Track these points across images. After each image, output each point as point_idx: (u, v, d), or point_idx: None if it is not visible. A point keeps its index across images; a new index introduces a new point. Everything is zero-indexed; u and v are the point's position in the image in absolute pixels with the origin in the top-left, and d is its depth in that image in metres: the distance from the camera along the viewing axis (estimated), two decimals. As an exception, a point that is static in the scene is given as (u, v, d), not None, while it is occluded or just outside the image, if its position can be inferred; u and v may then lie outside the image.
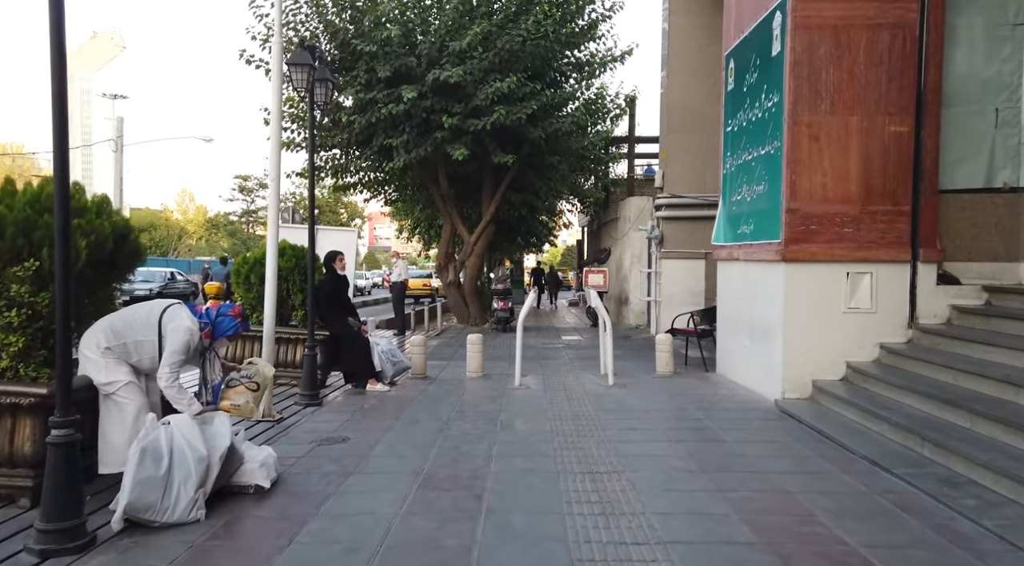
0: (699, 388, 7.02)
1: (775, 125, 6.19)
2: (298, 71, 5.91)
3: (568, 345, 11.38)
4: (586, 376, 7.89)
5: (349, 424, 5.46)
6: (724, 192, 7.76)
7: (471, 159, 14.38)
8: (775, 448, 4.69)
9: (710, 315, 8.39)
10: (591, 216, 22.42)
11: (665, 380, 7.54)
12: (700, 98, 12.08)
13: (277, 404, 6.18)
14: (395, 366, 7.18)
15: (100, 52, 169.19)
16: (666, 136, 12.30)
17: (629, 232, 15.13)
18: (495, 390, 7.00)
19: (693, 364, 8.53)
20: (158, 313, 3.65)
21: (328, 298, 6.91)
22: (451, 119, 12.59)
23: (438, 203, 16.04)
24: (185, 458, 3.38)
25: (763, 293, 6.48)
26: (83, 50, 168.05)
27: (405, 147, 13.20)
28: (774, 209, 6.18)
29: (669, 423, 5.45)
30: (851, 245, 5.91)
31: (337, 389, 7.11)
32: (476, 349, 7.91)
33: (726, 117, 7.70)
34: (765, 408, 5.95)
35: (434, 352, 10.39)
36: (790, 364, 6.00)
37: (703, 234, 12.14)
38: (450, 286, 15.96)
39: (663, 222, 12.41)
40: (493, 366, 8.65)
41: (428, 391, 6.96)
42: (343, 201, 48.83)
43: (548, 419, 5.61)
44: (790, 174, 5.93)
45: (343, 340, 7.03)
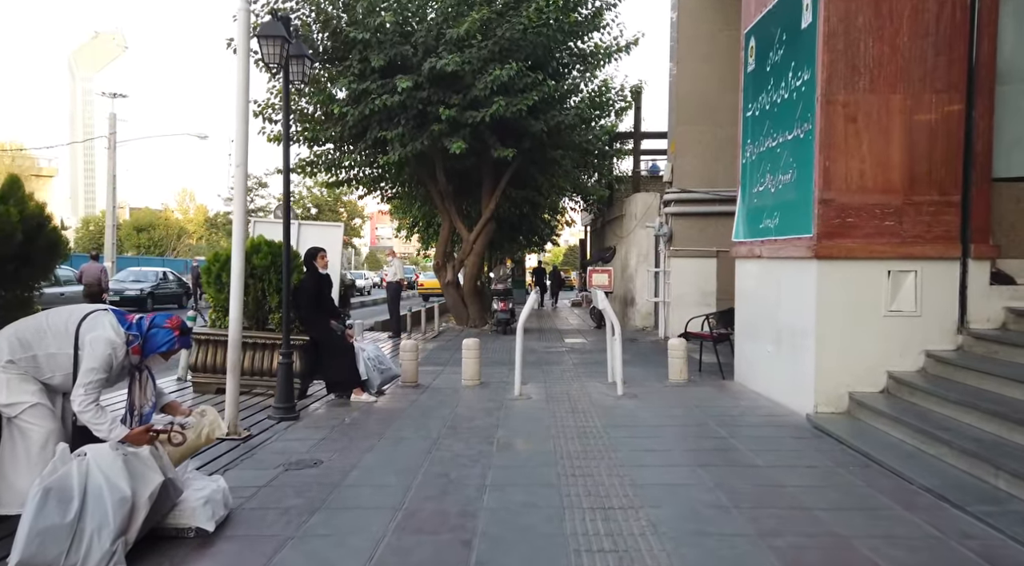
0: (718, 399, 6.35)
1: (805, 106, 5.52)
2: (270, 45, 5.25)
3: (572, 349, 10.72)
4: (592, 384, 7.22)
5: (325, 443, 4.80)
6: (744, 184, 7.09)
7: (470, 153, 13.75)
8: (817, 476, 4.02)
9: (727, 318, 7.72)
10: (594, 214, 21.76)
11: (679, 389, 6.88)
12: (712, 87, 11.42)
13: (247, 418, 5.52)
14: (383, 374, 6.52)
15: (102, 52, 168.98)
16: (675, 128, 11.64)
17: (635, 229, 14.46)
18: (492, 401, 6.34)
19: (708, 371, 7.86)
20: (76, 321, 3.00)
21: (308, 299, 6.26)
22: (448, 111, 11.95)
23: (436, 200, 15.38)
24: (102, 500, 2.73)
25: (791, 294, 5.81)
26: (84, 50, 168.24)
27: (400, 140, 12.56)
28: (804, 200, 5.51)
29: (689, 442, 4.79)
30: (893, 240, 5.23)
31: (319, 400, 6.45)
32: (472, 355, 7.25)
33: (745, 101, 7.04)
34: (796, 424, 5.28)
35: (429, 356, 9.74)
36: (824, 374, 5.33)
37: (714, 231, 11.49)
38: (448, 286, 15.30)
39: (672, 219, 11.74)
40: (491, 372, 7.99)
41: (419, 402, 6.30)
42: (343, 200, 48.08)
43: (551, 437, 4.95)
44: (823, 160, 5.26)
45: (325, 346, 6.37)
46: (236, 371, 4.89)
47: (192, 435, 3.40)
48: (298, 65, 5.63)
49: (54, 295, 14.38)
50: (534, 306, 6.72)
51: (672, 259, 11.70)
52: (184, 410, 3.48)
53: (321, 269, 6.44)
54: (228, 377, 4.88)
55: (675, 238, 11.66)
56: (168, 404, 3.39)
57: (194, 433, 3.42)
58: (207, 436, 3.44)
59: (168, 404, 3.39)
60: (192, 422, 3.42)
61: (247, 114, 4.88)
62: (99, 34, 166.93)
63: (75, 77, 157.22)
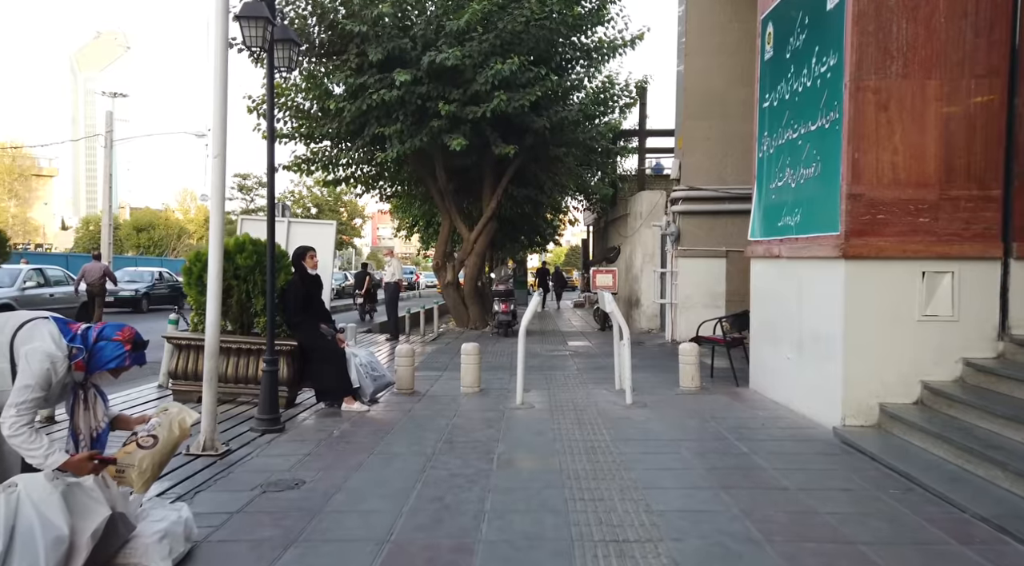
0: (734, 409, 5.94)
1: (831, 93, 5.11)
2: (251, 26, 4.85)
3: (576, 352, 10.31)
4: (598, 391, 6.81)
5: (310, 459, 4.39)
6: (760, 179, 6.68)
7: (470, 151, 13.36)
8: (854, 501, 3.61)
9: (741, 321, 7.31)
10: (598, 213, 21.35)
11: (692, 398, 6.46)
12: (721, 81, 11.01)
13: (228, 431, 5.12)
14: (376, 382, 6.11)
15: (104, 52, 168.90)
16: (683, 123, 11.22)
17: (640, 229, 14.05)
18: (493, 410, 5.93)
19: (721, 377, 7.44)
20: (11, 330, 2.59)
21: (296, 301, 5.86)
22: (448, 106, 11.56)
23: (435, 198, 14.99)
24: (32, 540, 2.33)
25: (814, 296, 5.40)
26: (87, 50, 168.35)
27: (399, 137, 12.17)
28: (829, 195, 5.10)
29: (708, 459, 4.37)
30: (928, 238, 4.82)
31: (307, 409, 6.05)
32: (471, 360, 6.85)
33: (762, 91, 6.62)
34: (822, 438, 4.86)
35: (427, 360, 9.33)
36: (852, 383, 4.91)
37: (724, 230, 11.08)
38: (448, 287, 14.91)
39: (680, 217, 11.33)
40: (492, 378, 7.58)
41: (414, 412, 5.90)
42: (343, 200, 47.72)
43: (556, 453, 4.53)
44: (852, 152, 4.85)
45: (314, 351, 5.97)
46: (213, 381, 4.49)
47: (164, 433, 2.96)
48: (284, 50, 5.23)
49: (42, 296, 14.05)
50: (537, 308, 6.31)
51: (680, 259, 11.29)
52: (139, 418, 3.06)
53: (310, 269, 6.04)
54: (204, 388, 4.48)
55: (683, 237, 11.25)
56: (117, 418, 2.98)
57: (165, 431, 2.97)
58: (180, 427, 2.99)
59: (117, 418, 2.98)
60: (157, 422, 2.99)
61: (225, 102, 4.47)
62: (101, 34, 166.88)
63: (77, 77, 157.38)
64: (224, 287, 5.75)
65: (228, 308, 5.92)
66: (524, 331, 6.22)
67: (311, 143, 13.99)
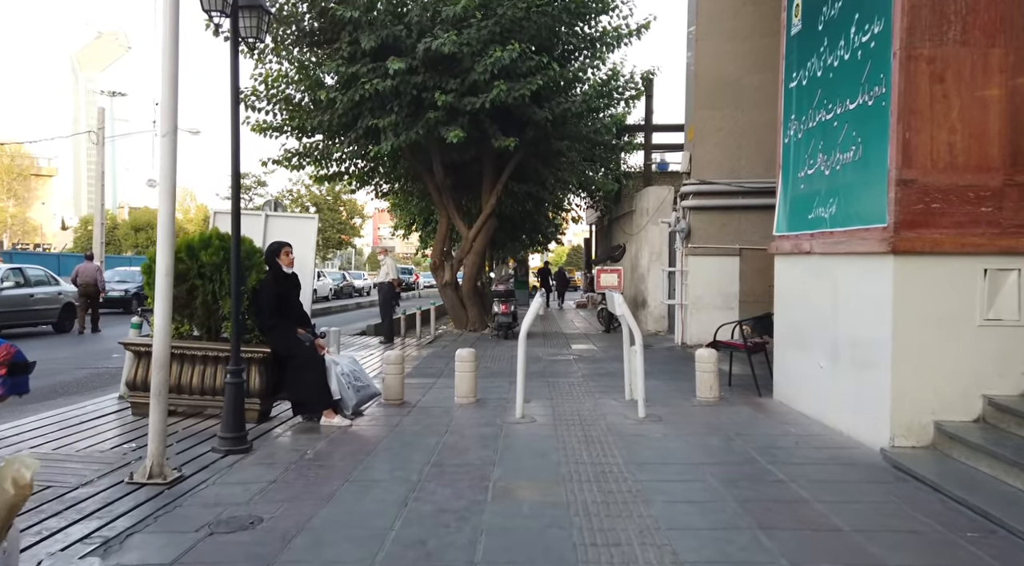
0: (761, 424, 5.30)
1: (876, 65, 4.47)
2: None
3: (580, 356, 9.67)
4: (607, 402, 6.18)
5: (275, 489, 3.76)
6: (786, 168, 6.04)
7: (469, 144, 12.73)
8: (926, 547, 2.96)
9: (763, 324, 6.67)
10: (601, 211, 20.71)
11: (711, 410, 5.83)
12: (734, 67, 10.37)
13: (186, 451, 4.49)
14: (359, 393, 5.48)
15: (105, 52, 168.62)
16: (694, 113, 10.58)
17: (647, 226, 13.41)
18: (490, 425, 5.29)
19: (740, 386, 6.81)
20: None
21: (269, 303, 5.23)
22: (445, 96, 10.94)
23: (433, 195, 14.37)
24: None
25: (854, 297, 4.76)
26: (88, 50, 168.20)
27: (394, 129, 11.55)
28: (873, 182, 4.46)
29: (740, 489, 3.73)
30: (990, 230, 4.18)
31: (283, 423, 5.42)
32: (467, 368, 6.21)
33: (788, 70, 5.99)
34: (868, 461, 4.22)
35: (421, 366, 8.69)
36: (901, 397, 4.27)
37: (737, 226, 10.44)
38: (446, 287, 14.28)
39: (690, 213, 10.68)
40: (490, 386, 6.95)
41: (401, 427, 5.27)
42: (342, 199, 47.10)
43: (561, 480, 3.90)
44: (903, 131, 4.21)
45: (290, 359, 5.34)
46: (162, 396, 3.86)
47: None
48: (250, 18, 4.60)
49: (22, 297, 13.43)
50: (539, 311, 5.69)
51: (690, 258, 10.65)
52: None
53: (286, 267, 5.41)
54: (152, 403, 3.85)
55: (693, 234, 10.60)
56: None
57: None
58: (15, 484, 2.23)
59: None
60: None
61: (175, 72, 3.84)
62: (102, 34, 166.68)
63: (78, 77, 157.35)
64: (188, 287, 5.15)
65: (193, 311, 5.30)
66: (525, 335, 5.59)
67: (303, 137, 13.38)
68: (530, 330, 5.70)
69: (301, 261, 6.37)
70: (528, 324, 5.59)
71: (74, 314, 14.23)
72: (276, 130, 12.85)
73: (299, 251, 6.35)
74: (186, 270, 5.15)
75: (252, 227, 6.25)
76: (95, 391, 6.99)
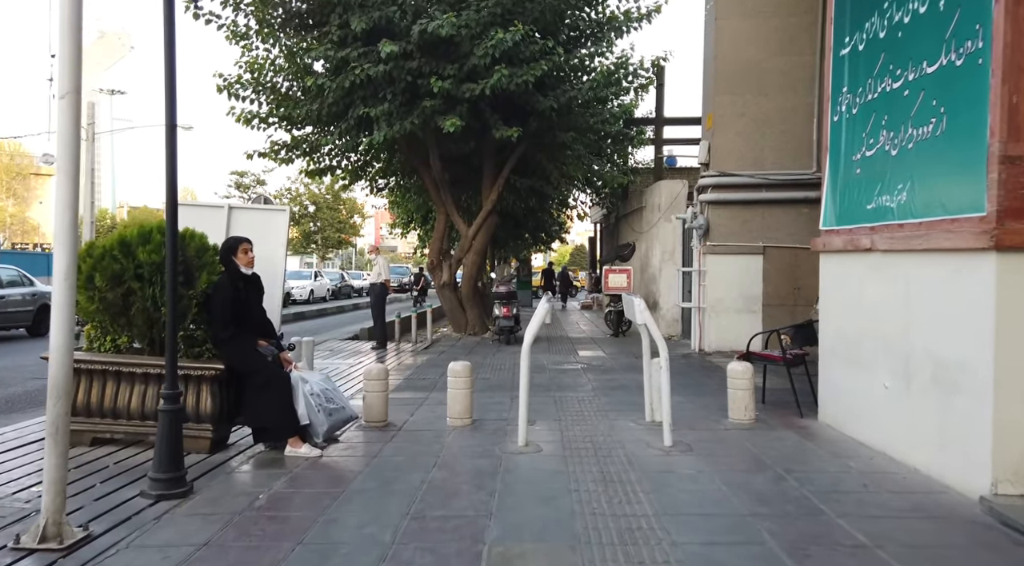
0: (812, 456, 4.42)
1: (969, 14, 3.58)
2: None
3: (589, 365, 8.79)
4: (624, 425, 5.30)
5: (203, 558, 2.89)
6: (835, 150, 5.15)
7: (468, 135, 11.87)
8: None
9: (805, 333, 5.79)
10: (608, 208, 19.84)
11: (748, 435, 4.95)
12: (757, 48, 9.49)
13: (110, 495, 3.62)
14: (332, 416, 4.61)
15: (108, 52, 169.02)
16: (712, 99, 9.69)
17: (659, 223, 12.53)
18: (487, 456, 4.42)
19: (775, 403, 5.93)
20: None
21: (223, 310, 4.37)
22: (441, 82, 10.09)
23: (430, 190, 13.50)
24: None
25: (936, 304, 3.87)
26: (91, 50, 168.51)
27: (387, 119, 10.70)
28: (964, 161, 3.58)
29: (815, 559, 2.85)
30: (1122, 221, 3.29)
31: (241, 452, 4.55)
32: (461, 384, 5.34)
33: (839, 34, 5.10)
34: (966, 514, 3.33)
35: (413, 376, 7.81)
36: (1006, 432, 3.38)
37: (761, 222, 9.56)
38: (444, 288, 13.42)
39: (708, 208, 9.79)
40: (488, 403, 6.09)
41: (381, 458, 4.40)
42: (342, 198, 46.23)
43: (576, 540, 3.02)
44: (1009, 94, 3.32)
45: (249, 377, 4.48)
46: (60, 434, 2.98)
47: None
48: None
49: (-11, 299, 12.58)
50: (545, 319, 4.81)
51: (708, 256, 9.76)
52: None
53: (244, 267, 4.55)
54: (47, 445, 2.98)
55: (712, 231, 9.71)
56: None
57: None
58: None
59: None
60: None
61: (78, 20, 2.97)
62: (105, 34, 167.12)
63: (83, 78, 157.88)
64: (123, 292, 4.28)
65: (130, 320, 4.43)
66: (529, 346, 4.70)
67: (292, 128, 12.53)
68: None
69: (270, 259, 5.51)
70: (533, 333, 4.72)
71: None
72: (262, 121, 12.01)
73: (268, 248, 5.51)
74: (121, 271, 4.28)
75: (213, 221, 5.40)
76: (39, 408, 6.14)
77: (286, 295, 26.09)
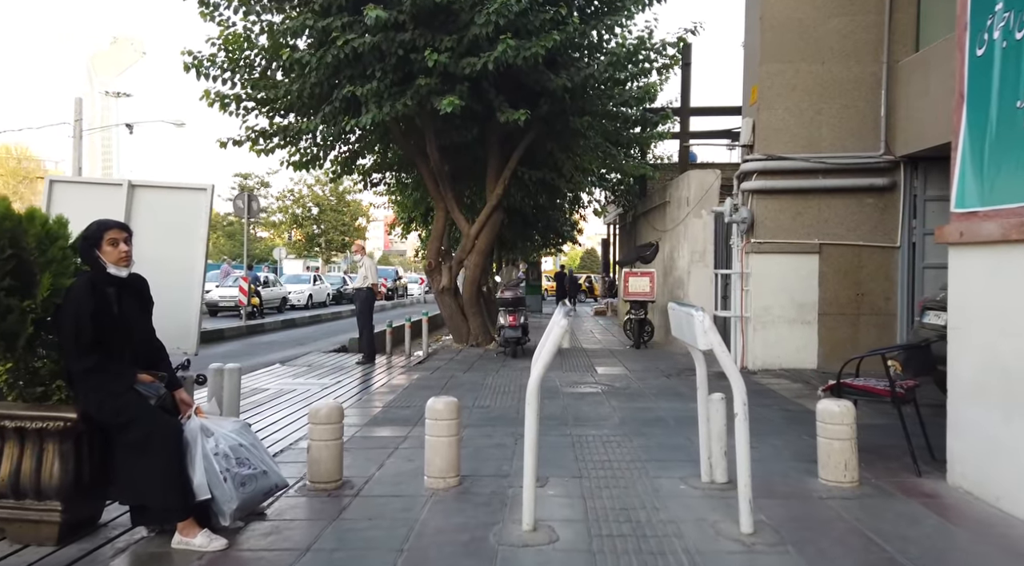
0: (967, 547, 2.88)
1: None
2: None
3: (611, 387, 7.25)
4: (673, 488, 3.77)
5: None
6: (978, 98, 3.61)
7: (469, 120, 10.43)
8: None
9: (919, 359, 4.24)
10: (624, 206, 18.30)
11: (856, 509, 3.40)
12: (812, 8, 7.96)
13: None
14: (247, 487, 3.11)
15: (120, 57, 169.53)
16: (758, 68, 8.15)
17: (687, 219, 10.98)
18: (476, 553, 2.91)
19: (873, 450, 4.36)
20: None
21: (80, 329, 2.90)
22: (438, 55, 8.67)
23: (428, 184, 12.04)
24: None
25: None
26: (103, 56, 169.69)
27: (376, 99, 9.29)
28: None
29: None
30: None
31: (108, 543, 3.07)
32: (444, 429, 3.82)
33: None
34: None
35: (396, 403, 6.28)
36: None
37: (816, 215, 8.01)
38: (443, 293, 11.93)
39: (754, 198, 8.24)
40: (484, 445, 4.59)
41: (317, 552, 2.91)
42: (346, 199, 44.85)
43: None
44: None
45: (121, 430, 3.00)
46: None
47: None
48: None
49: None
50: (559, 342, 3.28)
51: (752, 256, 8.20)
52: None
53: (113, 266, 3.06)
54: None
55: (758, 226, 8.16)
56: None
57: None
58: None
59: None
60: None
61: None
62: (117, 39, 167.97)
63: (93, 82, 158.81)
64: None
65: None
66: (536, 389, 3.18)
67: (274, 115, 11.12)
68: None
69: (185, 256, 4.05)
70: (544, 365, 3.19)
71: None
72: (236, 102, 10.60)
73: (182, 240, 4.06)
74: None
75: (109, 204, 3.93)
76: None
77: (282, 300, 24.54)
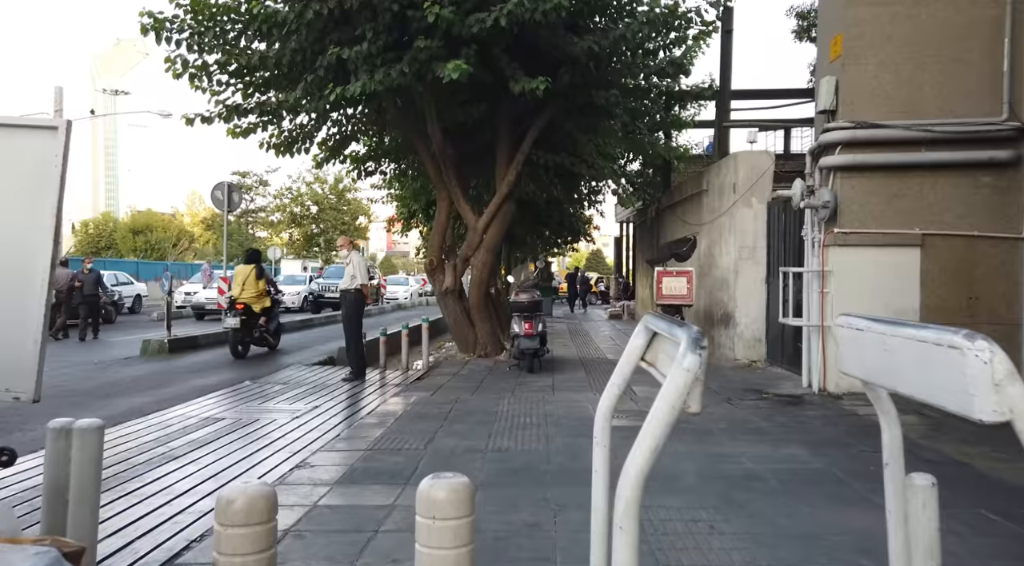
0: None
1: None
2: None
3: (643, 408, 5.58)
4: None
5: None
6: None
7: (478, 93, 8.88)
8: None
9: None
10: (645, 200, 16.69)
11: None
12: (913, -65, 6.32)
13: None
14: None
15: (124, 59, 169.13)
16: (841, 13, 6.52)
17: (733, 208, 9.34)
18: None
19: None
20: None
21: None
22: (440, 9, 7.13)
23: (429, 170, 10.44)
24: None
25: None
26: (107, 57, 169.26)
27: (367, 65, 7.77)
28: None
29: None
30: None
31: None
32: (450, 537, 2.16)
33: None
34: None
35: (381, 448, 4.59)
36: None
37: (918, 198, 6.35)
38: (447, 295, 10.33)
39: (838, 177, 6.60)
40: (505, 531, 2.97)
41: None
42: (346, 198, 43.31)
43: None
44: None
45: None
46: None
47: None
48: None
49: None
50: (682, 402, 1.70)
51: (834, 250, 6.56)
52: None
53: None
54: None
55: (843, 212, 6.52)
56: None
57: None
58: None
59: None
60: None
61: None
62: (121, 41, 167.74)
63: (96, 83, 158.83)
64: None
65: None
66: (635, 513, 1.56)
67: (249, 88, 9.54)
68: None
69: (17, 233, 2.42)
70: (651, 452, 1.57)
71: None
72: (205, 72, 9.01)
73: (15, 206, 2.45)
74: None
75: None
76: None
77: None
